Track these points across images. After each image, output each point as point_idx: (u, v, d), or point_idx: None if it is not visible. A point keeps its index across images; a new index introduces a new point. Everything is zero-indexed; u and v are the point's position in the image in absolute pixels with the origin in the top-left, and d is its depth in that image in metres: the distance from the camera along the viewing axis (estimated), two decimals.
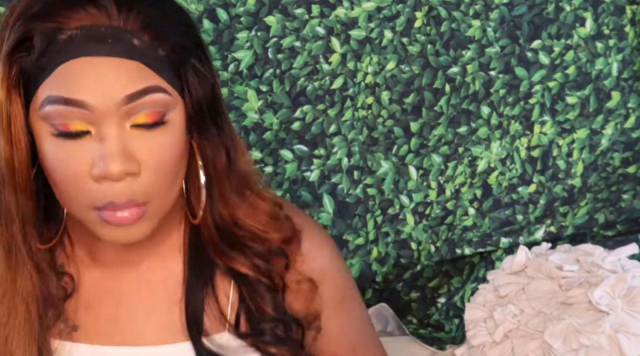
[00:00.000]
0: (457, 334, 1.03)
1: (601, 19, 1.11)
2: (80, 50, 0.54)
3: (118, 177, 0.55)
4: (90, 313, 0.64)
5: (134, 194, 0.56)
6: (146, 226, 0.58)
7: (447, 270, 1.09)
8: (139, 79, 0.55)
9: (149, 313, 0.64)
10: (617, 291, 0.77)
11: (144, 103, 0.55)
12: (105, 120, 0.55)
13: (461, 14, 1.06)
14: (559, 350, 0.75)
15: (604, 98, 1.13)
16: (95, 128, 0.55)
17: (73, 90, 0.54)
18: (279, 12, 1.00)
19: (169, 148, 0.57)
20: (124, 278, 0.64)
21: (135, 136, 0.56)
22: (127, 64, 0.55)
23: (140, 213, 0.57)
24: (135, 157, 0.56)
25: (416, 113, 1.06)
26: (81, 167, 0.55)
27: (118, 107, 0.55)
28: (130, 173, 0.56)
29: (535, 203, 1.11)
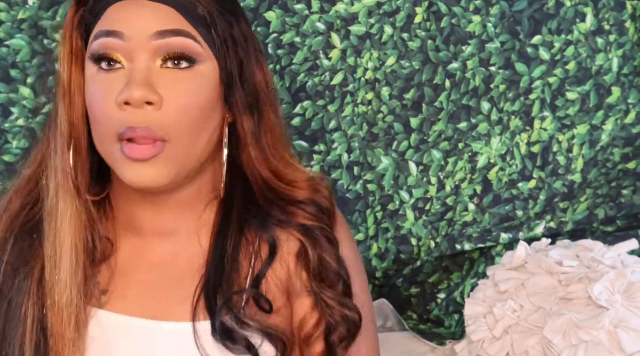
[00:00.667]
0: (456, 329, 1.03)
1: (601, 14, 1.11)
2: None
3: (138, 101, 0.60)
4: (122, 280, 0.66)
5: (152, 123, 0.61)
6: (164, 168, 0.62)
7: (447, 266, 1.09)
8: (173, 21, 0.62)
9: (176, 287, 0.65)
10: (617, 287, 0.77)
11: (173, 43, 0.62)
12: (137, 53, 0.61)
13: (461, 10, 1.06)
14: (559, 345, 0.75)
15: (604, 94, 1.12)
16: (128, 62, 0.62)
17: (114, 24, 0.62)
18: (279, 7, 1.00)
19: (194, 93, 0.62)
20: (157, 249, 0.67)
21: (162, 74, 0.62)
22: (163, 8, 0.62)
23: (157, 150, 0.61)
24: (159, 91, 0.61)
25: (416, 109, 1.06)
26: (110, 95, 0.61)
27: (149, 41, 0.61)
28: (149, 101, 0.61)
29: (535, 198, 1.11)
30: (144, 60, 0.61)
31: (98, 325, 0.65)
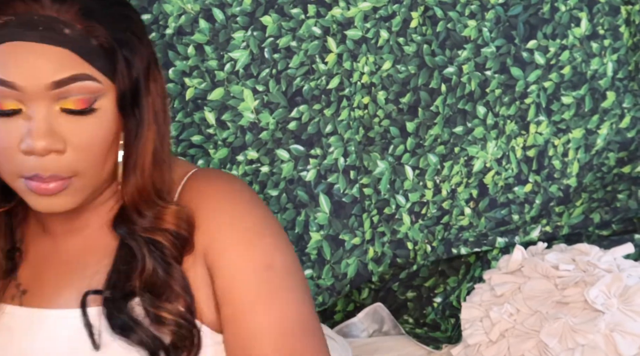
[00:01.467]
0: (453, 333, 1.03)
1: (596, 19, 1.12)
2: (13, 34, 0.60)
3: (42, 152, 0.60)
4: (39, 278, 0.69)
5: (59, 169, 0.61)
6: (71, 198, 0.63)
7: (443, 270, 1.09)
8: (68, 66, 0.60)
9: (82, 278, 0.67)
10: (613, 291, 0.78)
11: (72, 89, 0.60)
12: (34, 101, 0.60)
13: (457, 14, 1.06)
14: (555, 349, 0.75)
15: (599, 98, 1.13)
16: (26, 107, 0.60)
17: (5, 71, 0.59)
18: (275, 12, 1.00)
19: (96, 132, 0.62)
20: (67, 245, 0.69)
21: (63, 118, 0.61)
22: (56, 51, 0.60)
23: (64, 185, 0.62)
24: (62, 137, 0.61)
25: (412, 113, 1.06)
26: (11, 141, 0.61)
27: (46, 91, 0.60)
28: (54, 150, 0.61)
29: (531, 203, 1.11)
30: (42, 107, 0.60)
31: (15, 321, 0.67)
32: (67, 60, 0.60)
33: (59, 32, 0.60)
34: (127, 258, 0.66)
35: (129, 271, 0.65)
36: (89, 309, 0.65)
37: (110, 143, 0.63)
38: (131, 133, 0.64)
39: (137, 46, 0.63)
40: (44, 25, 0.59)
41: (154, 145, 0.65)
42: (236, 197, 0.68)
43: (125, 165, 0.65)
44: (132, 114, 0.64)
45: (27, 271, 0.69)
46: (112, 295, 0.64)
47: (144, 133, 0.64)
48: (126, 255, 0.66)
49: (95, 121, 0.62)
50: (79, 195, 0.63)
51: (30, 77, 0.59)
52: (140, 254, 0.65)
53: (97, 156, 0.63)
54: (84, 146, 0.61)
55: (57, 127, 0.60)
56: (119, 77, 0.62)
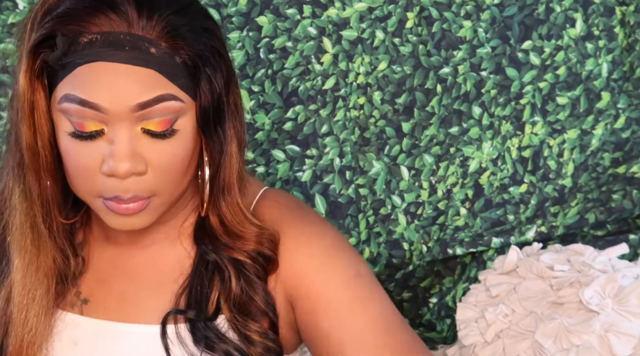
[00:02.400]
0: (448, 334, 1.04)
1: (591, 19, 1.12)
2: (99, 55, 0.58)
3: (125, 175, 0.59)
4: (102, 289, 0.67)
5: (139, 191, 0.60)
6: (148, 217, 0.62)
7: (439, 270, 1.10)
8: (153, 87, 0.58)
9: (154, 294, 0.66)
10: (608, 291, 0.78)
11: (155, 110, 0.59)
12: (117, 123, 0.59)
13: (452, 15, 1.06)
14: (550, 349, 0.75)
15: (594, 99, 1.13)
16: (108, 128, 0.59)
17: (89, 92, 0.58)
18: (271, 12, 1.00)
19: (177, 153, 0.61)
20: (134, 257, 0.67)
21: (145, 139, 0.59)
22: (142, 72, 0.58)
23: (143, 205, 0.61)
24: (144, 158, 0.60)
25: (408, 114, 1.07)
26: (92, 163, 0.60)
27: (130, 113, 0.58)
28: (136, 173, 0.59)
29: (526, 203, 1.12)
30: (125, 129, 0.58)
31: (79, 331, 0.66)
32: (152, 81, 0.58)
33: (145, 52, 0.58)
34: (207, 275, 0.64)
35: (210, 289, 0.64)
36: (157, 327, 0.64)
37: (188, 162, 0.62)
38: (214, 150, 0.62)
39: (219, 62, 0.62)
40: (131, 45, 0.57)
41: (238, 162, 0.64)
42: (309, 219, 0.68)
43: (212, 183, 0.63)
44: (215, 131, 0.62)
45: (88, 280, 0.67)
46: (196, 316, 0.63)
47: (228, 150, 0.63)
48: (205, 272, 0.64)
49: (176, 142, 0.60)
50: (156, 213, 0.62)
51: (115, 99, 0.57)
52: (227, 272, 0.64)
53: (177, 176, 0.61)
54: (164, 167, 0.60)
55: (139, 148, 0.59)
56: (200, 94, 0.60)
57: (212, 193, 0.64)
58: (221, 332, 0.63)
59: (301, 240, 0.66)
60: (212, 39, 0.62)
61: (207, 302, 0.64)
